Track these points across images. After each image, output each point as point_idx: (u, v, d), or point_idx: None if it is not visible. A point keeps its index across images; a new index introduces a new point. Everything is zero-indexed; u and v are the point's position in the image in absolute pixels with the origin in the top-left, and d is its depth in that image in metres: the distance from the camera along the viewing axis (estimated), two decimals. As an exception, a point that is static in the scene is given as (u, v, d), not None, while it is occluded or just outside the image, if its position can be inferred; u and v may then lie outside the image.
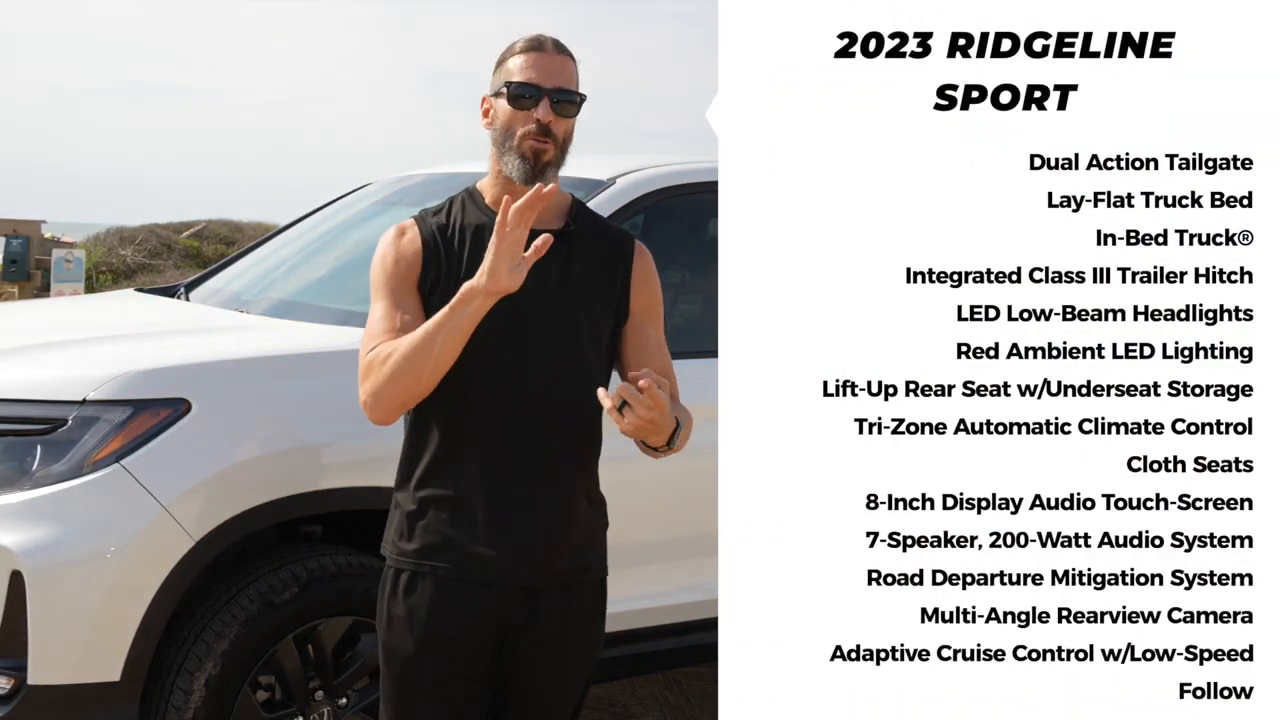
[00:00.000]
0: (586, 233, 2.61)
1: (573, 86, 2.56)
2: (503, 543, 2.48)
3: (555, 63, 2.55)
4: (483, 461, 2.49)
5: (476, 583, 2.49)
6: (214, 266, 4.98)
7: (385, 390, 2.42)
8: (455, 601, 2.49)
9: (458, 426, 2.49)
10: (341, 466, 3.44)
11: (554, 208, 2.59)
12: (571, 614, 2.55)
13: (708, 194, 4.17)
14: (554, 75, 2.53)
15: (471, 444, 2.49)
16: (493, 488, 2.49)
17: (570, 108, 2.55)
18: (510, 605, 2.50)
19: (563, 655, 2.56)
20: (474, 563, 2.49)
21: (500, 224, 2.32)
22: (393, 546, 2.56)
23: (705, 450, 3.56)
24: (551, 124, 2.51)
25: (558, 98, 2.52)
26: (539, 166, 2.52)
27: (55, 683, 3.12)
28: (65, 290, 14.02)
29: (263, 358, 3.49)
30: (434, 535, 2.51)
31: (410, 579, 2.52)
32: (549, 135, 2.51)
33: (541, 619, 2.52)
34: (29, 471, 3.17)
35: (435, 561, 2.50)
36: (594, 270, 2.58)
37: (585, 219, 2.64)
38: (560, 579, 2.53)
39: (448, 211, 2.60)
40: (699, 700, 4.93)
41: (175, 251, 21.39)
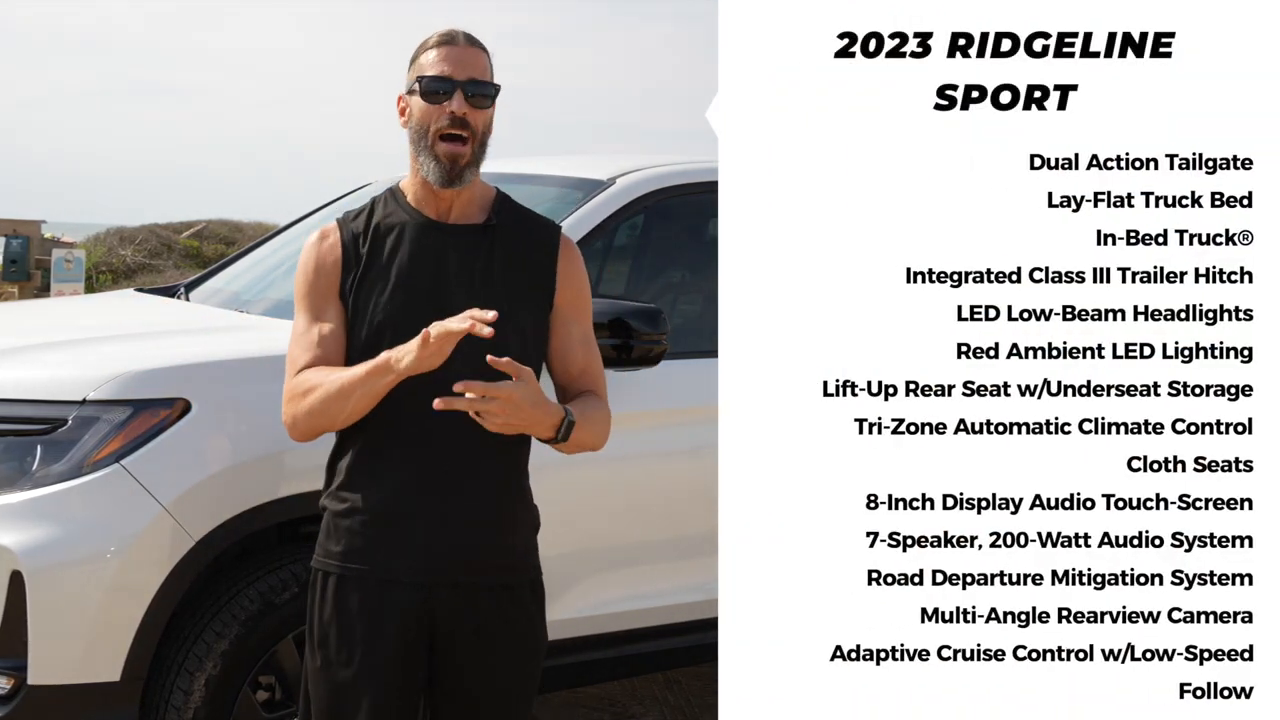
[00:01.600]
0: (509, 225, 2.59)
1: (486, 78, 2.54)
2: (427, 542, 2.47)
3: (467, 55, 2.53)
4: (407, 461, 2.48)
5: (404, 583, 2.47)
6: (214, 266, 4.98)
7: (304, 422, 2.50)
8: (380, 603, 2.48)
9: (381, 425, 2.47)
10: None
11: (477, 200, 2.59)
12: (505, 615, 2.52)
13: (708, 194, 4.16)
14: (466, 67, 2.52)
15: (395, 443, 2.48)
16: (417, 487, 2.47)
17: (484, 100, 2.53)
18: (437, 606, 2.48)
19: (496, 657, 2.52)
20: (401, 563, 2.47)
21: (422, 345, 2.33)
22: (320, 548, 2.55)
23: (705, 450, 3.56)
24: (466, 115, 2.50)
25: (471, 90, 2.51)
26: (455, 170, 2.51)
27: (55, 683, 3.12)
28: (65, 290, 14.02)
29: (263, 358, 3.48)
30: (358, 537, 2.49)
31: (337, 581, 2.51)
32: (465, 127, 2.50)
33: (470, 620, 2.49)
34: (29, 471, 3.17)
35: (359, 564, 2.49)
36: (517, 264, 2.56)
37: (508, 212, 2.62)
38: (488, 578, 2.51)
39: (369, 212, 2.60)
40: (699, 700, 4.93)
41: (175, 251, 21.39)
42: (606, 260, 4.28)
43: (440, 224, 2.56)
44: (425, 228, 2.55)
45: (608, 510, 3.83)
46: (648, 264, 4.44)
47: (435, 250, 2.54)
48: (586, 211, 3.93)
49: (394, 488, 2.48)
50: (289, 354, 2.55)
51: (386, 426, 2.47)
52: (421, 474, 2.48)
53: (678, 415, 3.91)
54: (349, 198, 5.01)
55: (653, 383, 3.73)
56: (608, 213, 3.96)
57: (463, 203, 2.57)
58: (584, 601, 3.75)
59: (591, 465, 3.70)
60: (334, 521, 2.53)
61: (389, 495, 2.48)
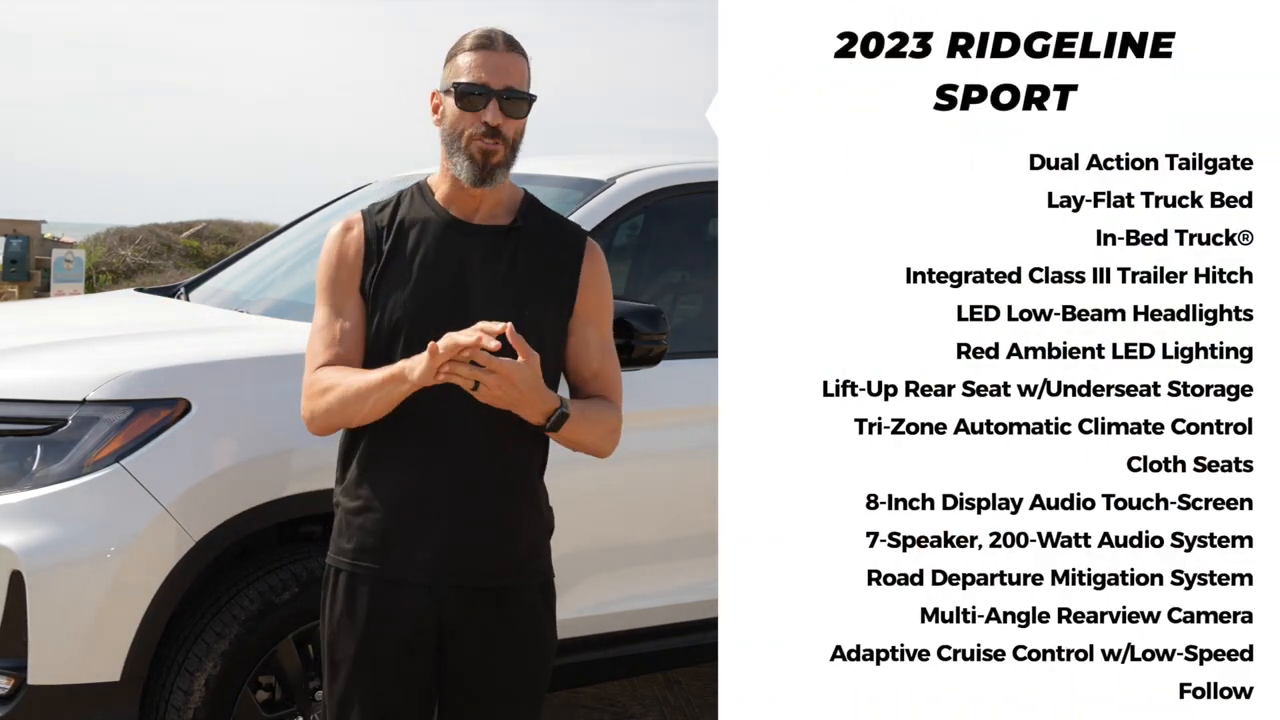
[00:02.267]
0: (535, 228, 2.57)
1: (523, 86, 2.50)
2: (437, 543, 2.46)
3: (505, 61, 2.48)
4: (420, 460, 2.46)
5: (414, 583, 2.46)
6: (214, 266, 4.98)
7: (322, 419, 2.50)
8: (392, 602, 2.47)
9: (396, 425, 2.46)
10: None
11: (504, 202, 2.57)
12: (513, 617, 2.51)
13: (708, 194, 4.17)
14: (503, 75, 2.47)
15: (409, 443, 2.47)
16: (429, 487, 2.46)
17: (520, 108, 2.49)
18: (447, 607, 2.47)
19: (504, 659, 2.51)
20: (410, 563, 2.46)
21: (430, 356, 2.31)
22: (333, 545, 2.54)
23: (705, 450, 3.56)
24: (500, 126, 2.46)
25: (507, 97, 2.47)
26: (488, 169, 2.48)
27: (55, 683, 3.12)
28: (65, 290, 14.02)
29: (263, 358, 3.49)
30: (370, 535, 2.48)
31: (349, 579, 2.50)
32: (498, 136, 2.46)
33: (479, 621, 2.48)
34: (29, 471, 3.17)
35: (371, 562, 2.48)
36: (540, 267, 2.54)
37: (535, 214, 2.59)
38: (500, 581, 2.49)
39: (395, 206, 2.58)
40: (699, 700, 4.93)
41: (175, 251, 21.39)
42: (606, 260, 4.28)
43: (465, 223, 2.53)
44: (450, 226, 2.53)
45: (608, 510, 3.83)
46: (648, 264, 4.44)
47: (458, 250, 2.51)
48: (586, 211, 3.93)
49: (406, 487, 2.47)
50: (309, 346, 2.54)
51: (400, 425, 2.46)
52: (434, 474, 2.46)
53: (678, 415, 3.91)
54: (349, 198, 5.01)
55: (653, 383, 3.73)
56: (608, 213, 3.97)
57: (490, 203, 2.54)
58: (584, 601, 3.75)
59: (592, 465, 3.70)
60: (346, 519, 2.52)
61: (401, 494, 2.47)
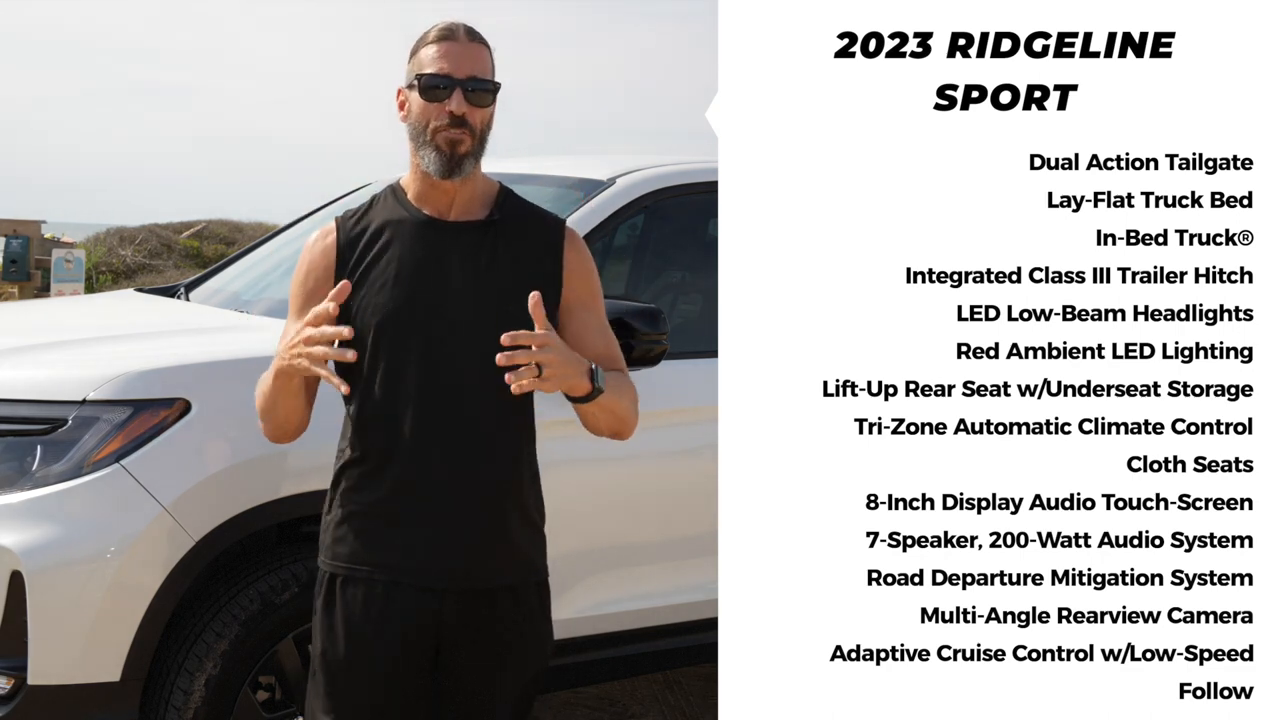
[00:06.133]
0: (512, 221, 2.55)
1: (487, 75, 2.50)
2: (430, 545, 2.46)
3: (468, 51, 2.48)
4: (411, 464, 2.46)
5: (405, 586, 2.46)
6: (214, 266, 4.98)
7: (263, 426, 2.60)
8: (384, 606, 2.47)
9: (384, 427, 2.46)
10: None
11: (479, 197, 2.55)
12: (509, 618, 2.51)
13: (708, 194, 4.17)
14: (466, 64, 2.47)
15: (398, 445, 2.46)
16: (420, 489, 2.46)
17: (485, 97, 2.48)
18: (441, 609, 2.46)
19: (500, 659, 2.51)
20: (401, 566, 2.46)
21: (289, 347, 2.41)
22: (326, 549, 2.54)
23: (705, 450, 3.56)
24: (466, 114, 2.46)
25: (471, 87, 2.47)
26: (455, 159, 2.47)
27: (55, 683, 3.12)
28: (65, 290, 14.01)
29: (263, 358, 3.48)
30: (363, 539, 2.48)
31: (342, 583, 2.50)
32: (464, 126, 2.46)
33: (474, 622, 2.48)
34: (29, 471, 3.17)
35: (363, 565, 2.48)
36: (520, 260, 2.52)
37: (511, 207, 2.58)
38: (495, 582, 2.49)
39: (368, 210, 2.58)
40: (699, 700, 4.93)
41: (175, 251, 21.38)
42: (606, 260, 4.28)
43: (441, 221, 2.52)
44: (425, 226, 2.52)
45: (608, 510, 3.83)
46: (648, 264, 4.44)
47: (434, 249, 2.50)
48: (586, 211, 3.93)
49: (398, 490, 2.47)
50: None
51: (390, 429, 2.46)
52: (425, 477, 2.46)
53: (678, 415, 3.91)
54: (349, 198, 5.01)
55: (653, 383, 3.73)
56: (608, 213, 3.97)
57: (464, 199, 2.53)
58: (584, 601, 3.75)
59: (592, 465, 3.71)
60: (339, 523, 2.52)
61: (393, 498, 2.47)
